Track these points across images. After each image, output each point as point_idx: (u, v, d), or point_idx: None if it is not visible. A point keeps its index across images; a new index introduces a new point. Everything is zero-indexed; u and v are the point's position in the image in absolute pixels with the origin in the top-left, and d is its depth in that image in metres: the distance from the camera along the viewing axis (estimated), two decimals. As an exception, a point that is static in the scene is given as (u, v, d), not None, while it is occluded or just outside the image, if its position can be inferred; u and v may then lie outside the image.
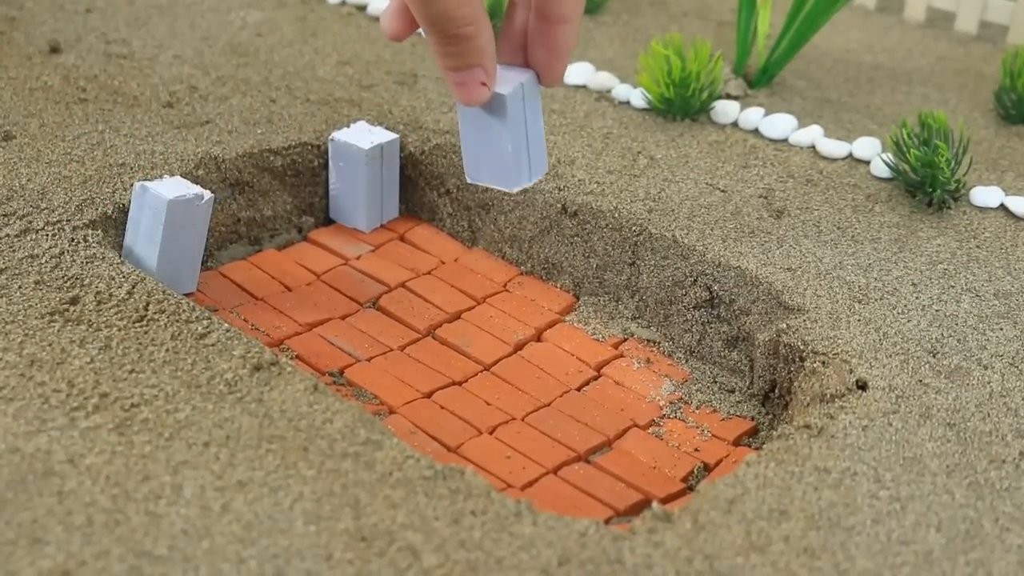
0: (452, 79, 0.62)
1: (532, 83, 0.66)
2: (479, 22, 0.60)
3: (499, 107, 0.65)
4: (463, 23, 0.59)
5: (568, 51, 0.64)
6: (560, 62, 0.65)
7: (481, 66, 0.62)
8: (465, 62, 0.61)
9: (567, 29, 0.63)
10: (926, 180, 0.78)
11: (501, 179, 0.68)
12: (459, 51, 0.61)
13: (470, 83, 0.62)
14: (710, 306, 0.73)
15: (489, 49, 0.61)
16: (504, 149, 0.67)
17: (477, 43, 0.61)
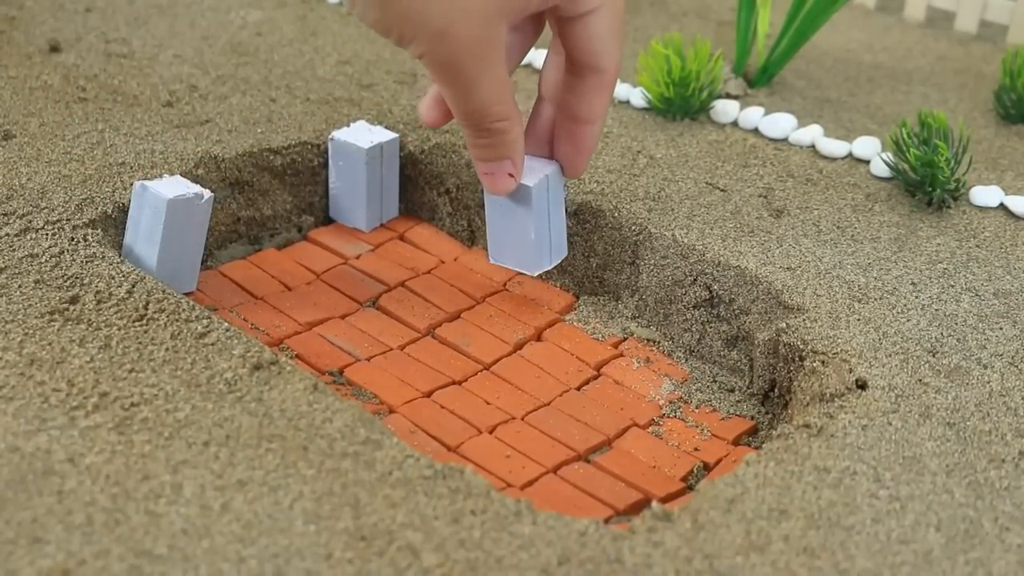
0: (482, 169, 0.67)
1: (557, 175, 0.72)
2: (512, 118, 0.64)
3: (525, 197, 0.70)
4: (497, 119, 0.63)
5: (592, 148, 0.69)
6: (584, 158, 0.69)
7: (510, 159, 0.66)
8: (496, 154, 0.65)
9: (592, 129, 0.67)
10: (926, 179, 0.78)
11: (523, 263, 0.74)
12: (491, 143, 0.65)
13: (498, 174, 0.66)
14: (710, 305, 0.73)
15: (519, 144, 0.66)
16: (527, 236, 0.72)
17: (508, 138, 0.65)
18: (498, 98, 0.62)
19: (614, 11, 0.64)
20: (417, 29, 0.58)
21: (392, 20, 0.58)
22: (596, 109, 0.67)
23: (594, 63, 0.65)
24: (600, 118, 0.67)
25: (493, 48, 0.60)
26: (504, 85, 0.62)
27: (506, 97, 0.63)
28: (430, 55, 0.59)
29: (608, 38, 0.64)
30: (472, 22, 0.58)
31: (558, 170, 0.72)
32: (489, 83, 0.61)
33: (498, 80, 0.62)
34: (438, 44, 0.59)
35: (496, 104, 0.62)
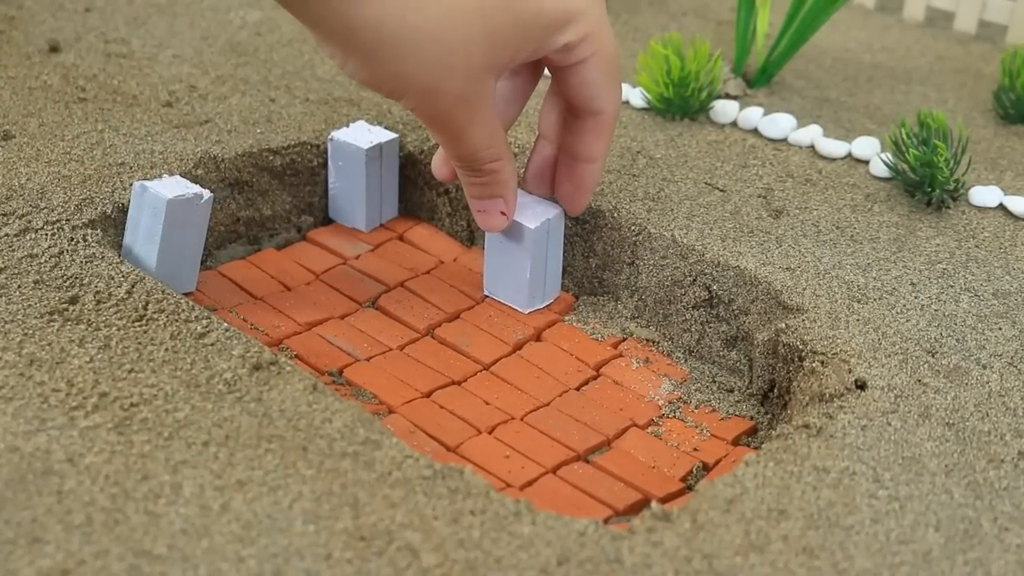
0: (475, 207, 0.69)
1: (558, 219, 0.74)
2: (503, 159, 0.66)
3: (524, 238, 0.73)
4: (488, 160, 0.66)
5: (593, 187, 0.70)
6: (584, 196, 0.71)
7: (503, 197, 0.68)
8: (488, 192, 0.68)
9: (593, 168, 0.69)
10: (925, 180, 0.78)
11: (515, 299, 0.76)
12: (484, 183, 0.67)
13: (491, 212, 0.69)
14: (709, 306, 0.73)
15: (511, 183, 0.68)
16: (523, 275, 0.74)
17: (501, 177, 0.67)
18: (488, 143, 0.65)
19: (606, 57, 0.66)
20: (406, 87, 0.61)
21: (382, 79, 0.61)
22: (595, 150, 0.69)
23: (591, 107, 0.67)
24: (600, 158, 0.69)
25: (480, 100, 0.62)
26: (494, 130, 0.65)
27: (496, 141, 0.65)
28: (419, 110, 0.63)
29: (602, 83, 0.66)
30: (457, 79, 0.61)
31: (561, 215, 0.74)
32: (479, 131, 0.64)
33: (487, 126, 0.64)
34: (426, 100, 0.62)
35: (486, 148, 0.65)
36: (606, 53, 0.66)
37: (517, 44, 0.62)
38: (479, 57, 0.61)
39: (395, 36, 0.59)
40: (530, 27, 0.62)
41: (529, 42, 0.63)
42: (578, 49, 0.64)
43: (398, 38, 0.59)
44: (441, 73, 0.60)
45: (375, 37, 0.59)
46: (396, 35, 0.59)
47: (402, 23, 0.58)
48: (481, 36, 0.60)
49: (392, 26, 0.58)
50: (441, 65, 0.60)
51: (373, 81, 0.61)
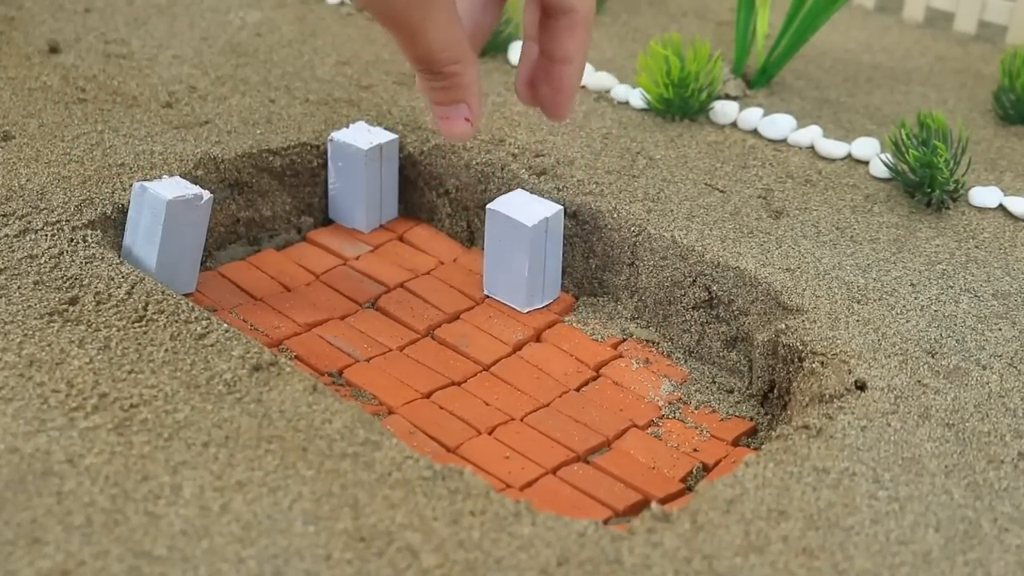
0: (438, 112, 0.64)
1: (557, 217, 0.73)
2: (464, 61, 0.62)
3: (522, 236, 0.72)
4: (448, 62, 0.61)
5: (573, 89, 0.66)
6: (565, 99, 0.66)
7: (465, 102, 0.64)
8: (450, 97, 0.63)
9: (571, 68, 0.65)
10: (925, 180, 0.78)
11: (514, 298, 0.75)
12: (444, 86, 0.63)
13: (454, 118, 0.64)
14: (709, 306, 0.73)
15: (474, 87, 0.63)
16: (521, 274, 0.74)
17: (463, 80, 0.63)
18: (446, 43, 0.61)
19: None
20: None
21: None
22: (570, 49, 0.64)
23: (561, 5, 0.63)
24: (577, 57, 0.65)
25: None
26: (452, 29, 0.61)
27: (455, 41, 0.61)
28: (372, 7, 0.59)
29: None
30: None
31: (560, 214, 0.74)
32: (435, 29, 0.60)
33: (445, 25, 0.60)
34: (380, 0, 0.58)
35: (445, 50, 0.61)
36: None
37: None
38: None
39: None
40: None
41: None
42: None
43: None
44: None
45: None
46: None
47: None
48: None
49: None
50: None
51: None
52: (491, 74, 0.94)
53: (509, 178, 0.79)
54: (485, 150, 0.82)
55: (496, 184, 0.80)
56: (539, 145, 0.83)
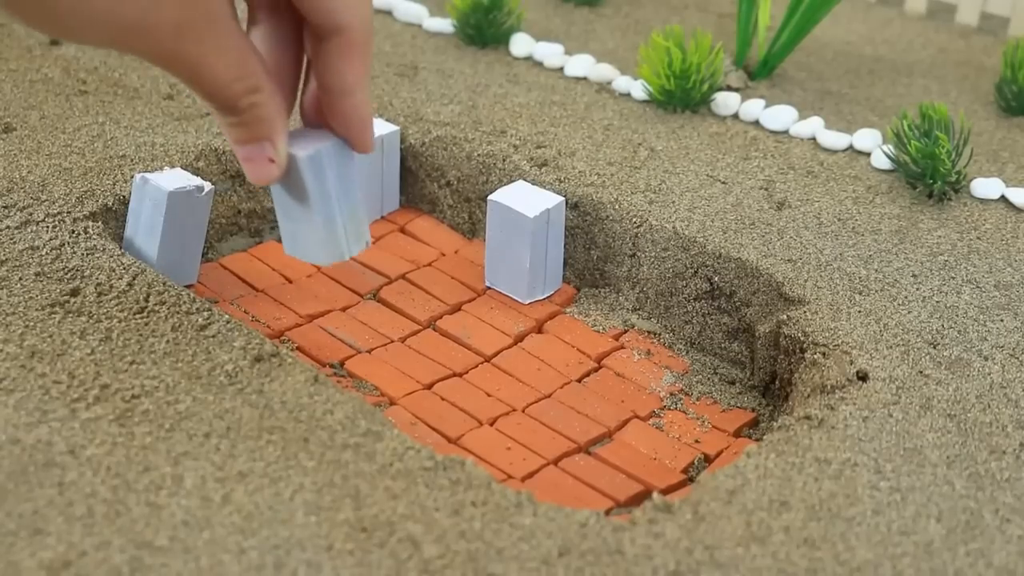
0: (240, 154, 0.57)
1: (558, 208, 0.70)
2: (262, 91, 0.54)
3: (524, 227, 0.69)
4: (243, 93, 0.54)
5: (364, 120, 0.58)
6: (357, 133, 0.58)
7: (269, 140, 0.56)
8: (251, 134, 0.55)
9: (352, 101, 0.57)
10: (927, 172, 0.78)
11: (516, 289, 0.73)
12: (242, 122, 0.55)
13: (258, 159, 0.56)
14: (711, 297, 0.73)
15: (276, 122, 0.55)
16: (523, 265, 0.71)
17: (262, 113, 0.55)
18: (237, 74, 0.52)
19: None
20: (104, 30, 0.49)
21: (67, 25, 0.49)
22: (348, 77, 0.56)
23: (333, 22, 0.54)
24: (357, 87, 0.56)
25: (211, 24, 0.50)
26: (242, 59, 0.52)
27: (248, 71, 0.53)
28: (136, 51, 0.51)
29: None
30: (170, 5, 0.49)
31: (561, 205, 0.73)
32: (219, 61, 0.52)
33: (231, 55, 0.52)
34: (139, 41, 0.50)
35: (236, 81, 0.53)
36: None
37: None
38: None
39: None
40: None
41: None
42: None
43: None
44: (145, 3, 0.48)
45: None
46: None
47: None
48: None
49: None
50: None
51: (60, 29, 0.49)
52: (492, 66, 0.94)
53: (511, 169, 0.79)
54: (487, 141, 0.82)
55: (497, 175, 0.80)
56: (540, 136, 0.83)
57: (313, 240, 0.62)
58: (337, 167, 0.59)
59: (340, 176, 0.59)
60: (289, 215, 0.62)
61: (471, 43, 0.97)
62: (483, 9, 0.95)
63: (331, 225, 0.60)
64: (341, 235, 0.61)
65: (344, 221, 0.61)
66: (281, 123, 0.56)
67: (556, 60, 0.94)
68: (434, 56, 0.95)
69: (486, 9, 0.95)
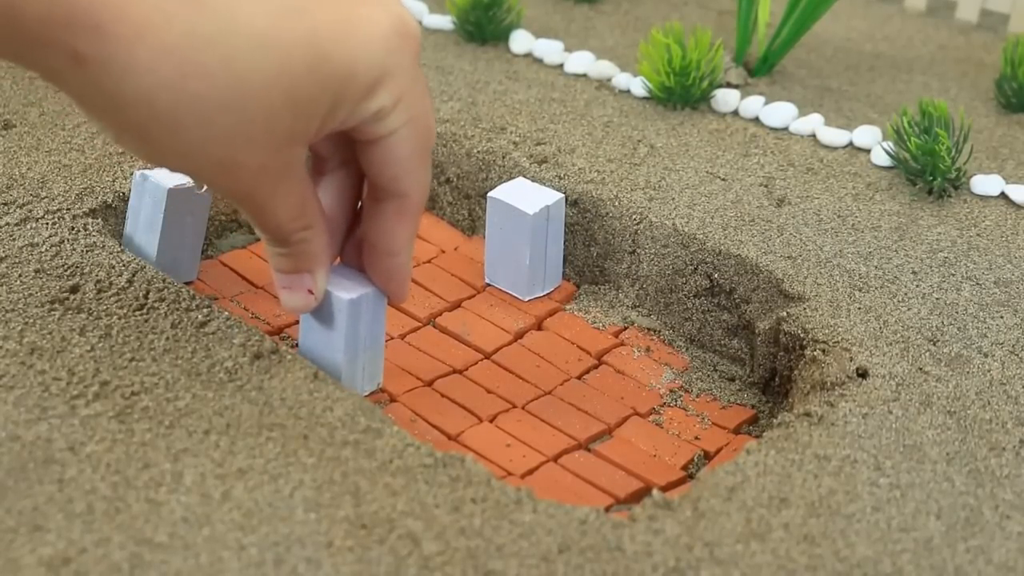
0: (279, 282, 0.61)
1: (558, 205, 0.72)
2: (313, 228, 0.58)
3: (524, 224, 0.71)
4: (298, 230, 0.58)
5: (404, 278, 0.62)
6: (397, 288, 0.63)
7: (310, 272, 0.60)
8: (295, 266, 0.60)
9: (397, 261, 0.62)
10: (927, 168, 0.78)
11: (516, 286, 0.74)
12: (290, 253, 0.59)
13: (296, 288, 0.60)
14: (710, 294, 0.73)
15: (321, 258, 0.60)
16: (523, 262, 0.73)
17: (310, 248, 0.59)
18: (296, 215, 0.57)
19: (418, 132, 0.57)
20: (196, 165, 0.54)
21: (167, 157, 0.53)
22: (398, 239, 0.60)
23: (394, 188, 0.59)
24: (404, 249, 0.61)
25: (287, 171, 0.55)
26: (303, 202, 0.57)
27: (306, 212, 0.58)
28: (217, 186, 0.56)
29: (409, 161, 0.58)
30: (257, 151, 0.53)
31: (561, 202, 0.74)
32: (284, 203, 0.56)
33: (295, 199, 0.57)
34: (223, 176, 0.54)
35: (294, 220, 0.57)
36: (421, 124, 0.57)
37: (326, 112, 0.54)
38: (283, 126, 0.53)
39: (173, 108, 0.50)
40: (341, 93, 0.54)
41: (340, 110, 0.54)
42: (391, 118, 0.56)
43: (177, 110, 0.50)
44: (238, 145, 0.52)
45: (148, 111, 0.50)
46: (175, 107, 0.50)
47: (180, 94, 0.50)
48: (285, 104, 0.52)
49: (168, 97, 0.49)
50: (236, 137, 0.52)
51: (155, 159, 0.54)
52: (492, 63, 0.94)
53: (510, 166, 0.79)
54: (486, 138, 0.82)
55: (497, 172, 0.80)
56: (540, 133, 0.83)
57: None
58: (372, 312, 0.63)
59: (373, 321, 0.63)
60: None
61: (470, 40, 0.97)
62: (483, 6, 0.95)
63: (352, 365, 0.64)
64: (359, 374, 0.65)
65: (364, 363, 0.64)
66: (325, 260, 0.60)
67: (556, 57, 0.94)
68: (433, 53, 0.95)
69: (486, 6, 0.95)
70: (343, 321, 0.62)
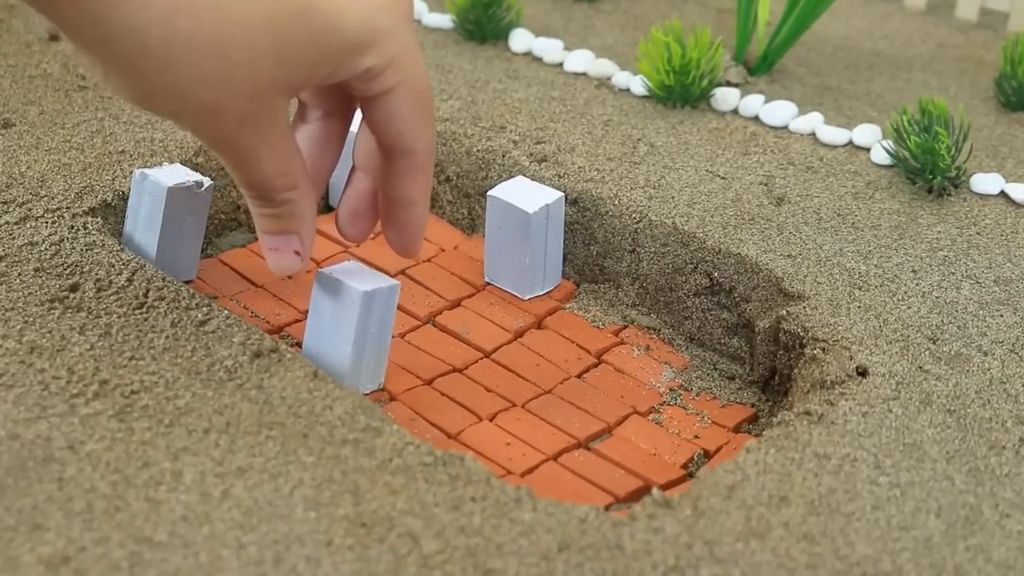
0: (266, 243, 0.61)
1: (558, 204, 0.73)
2: (300, 189, 0.59)
3: (524, 223, 0.71)
4: (283, 189, 0.58)
5: (419, 230, 0.63)
6: (411, 241, 0.63)
7: (298, 234, 0.60)
8: (282, 227, 0.60)
9: (412, 212, 0.62)
10: (926, 167, 0.78)
11: (516, 285, 0.74)
12: (277, 214, 0.60)
13: (284, 250, 0.61)
14: (710, 293, 0.73)
15: (308, 219, 0.60)
16: (523, 261, 0.73)
17: (296, 209, 0.59)
18: (281, 170, 0.57)
19: (415, 89, 0.58)
20: (181, 106, 0.53)
21: (151, 96, 0.53)
22: (412, 192, 0.61)
23: (399, 145, 0.60)
24: (419, 201, 0.62)
25: (271, 122, 0.55)
26: (288, 157, 0.58)
27: (291, 169, 0.58)
28: (200, 131, 0.55)
29: (411, 118, 0.59)
30: (241, 97, 0.53)
31: (561, 201, 0.74)
32: (269, 156, 0.56)
33: (280, 152, 0.57)
34: (207, 120, 0.54)
35: (279, 176, 0.58)
36: (415, 84, 0.58)
37: (312, 63, 0.54)
38: (268, 74, 0.53)
39: (164, 44, 0.50)
40: (327, 45, 0.54)
41: (326, 62, 0.55)
42: (382, 77, 0.56)
43: (167, 47, 0.50)
44: (223, 89, 0.53)
45: (139, 45, 0.50)
46: (165, 43, 0.50)
47: (172, 30, 0.50)
48: (270, 50, 0.52)
49: (159, 33, 0.50)
50: (222, 80, 0.52)
51: (141, 98, 0.53)
52: (491, 61, 0.94)
53: (510, 165, 0.79)
54: (486, 137, 0.82)
55: (497, 171, 0.80)
56: (540, 132, 0.83)
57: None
58: (384, 309, 0.64)
59: (383, 318, 0.64)
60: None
61: (470, 38, 0.97)
62: (482, 4, 0.95)
63: (358, 359, 0.64)
64: (363, 370, 0.65)
65: (369, 360, 0.65)
66: (311, 220, 0.61)
67: (555, 55, 0.94)
68: (433, 51, 0.95)
69: (485, 4, 0.95)
70: (355, 313, 0.62)
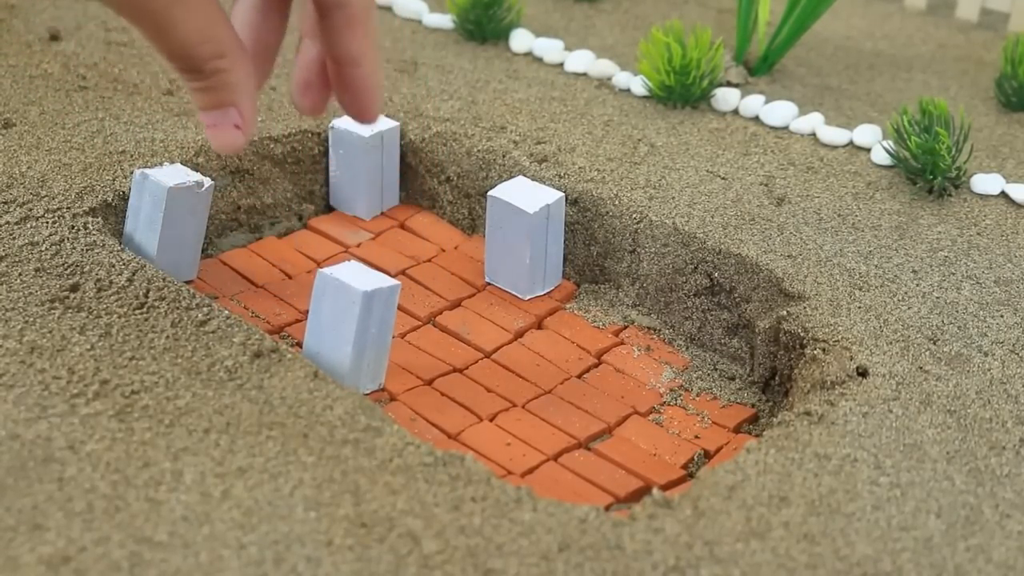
0: (205, 120, 0.57)
1: (558, 204, 0.73)
2: (231, 56, 0.54)
3: (524, 223, 0.71)
4: (210, 57, 0.54)
5: (373, 88, 0.59)
6: (366, 101, 0.59)
7: (235, 106, 0.56)
8: (216, 99, 0.56)
9: (360, 71, 0.58)
10: (927, 167, 0.78)
11: (516, 285, 0.74)
12: (208, 86, 0.55)
13: (223, 125, 0.56)
14: (710, 293, 0.73)
15: (244, 88, 0.56)
16: (523, 261, 0.73)
17: (229, 79, 0.55)
18: (205, 36, 0.53)
19: None
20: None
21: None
22: (352, 48, 0.56)
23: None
24: (364, 57, 0.57)
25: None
26: (211, 22, 0.53)
27: (217, 34, 0.53)
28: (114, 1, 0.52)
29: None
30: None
31: (561, 201, 0.74)
32: (190, 19, 0.52)
33: (200, 15, 0.52)
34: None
35: (204, 42, 0.53)
36: None
37: None
38: None
39: None
40: None
41: None
42: None
43: None
44: None
45: None
46: None
47: None
48: None
49: None
50: None
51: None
52: (492, 61, 0.94)
53: (510, 165, 0.79)
54: (486, 137, 0.82)
55: (497, 171, 0.80)
56: (540, 132, 0.83)
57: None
58: (384, 309, 0.64)
59: (384, 319, 0.64)
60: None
61: (471, 39, 0.97)
62: (483, 5, 0.95)
63: (358, 359, 0.64)
64: (363, 370, 0.65)
65: (370, 360, 0.65)
66: (248, 91, 0.56)
67: (556, 56, 0.94)
68: (434, 52, 0.95)
69: (486, 5, 0.95)
70: (355, 313, 0.62)
